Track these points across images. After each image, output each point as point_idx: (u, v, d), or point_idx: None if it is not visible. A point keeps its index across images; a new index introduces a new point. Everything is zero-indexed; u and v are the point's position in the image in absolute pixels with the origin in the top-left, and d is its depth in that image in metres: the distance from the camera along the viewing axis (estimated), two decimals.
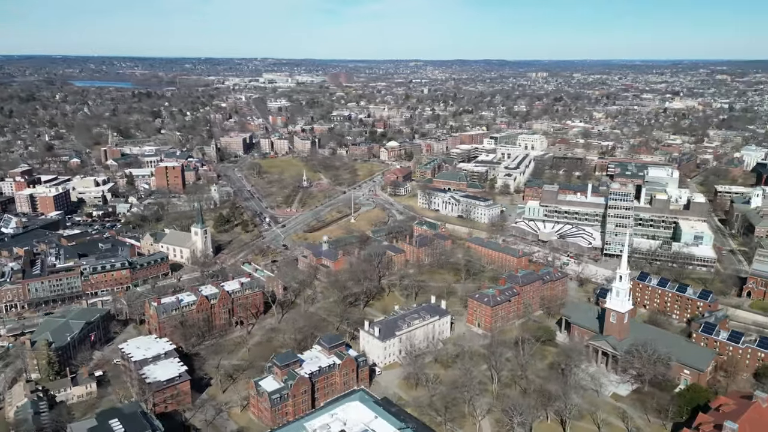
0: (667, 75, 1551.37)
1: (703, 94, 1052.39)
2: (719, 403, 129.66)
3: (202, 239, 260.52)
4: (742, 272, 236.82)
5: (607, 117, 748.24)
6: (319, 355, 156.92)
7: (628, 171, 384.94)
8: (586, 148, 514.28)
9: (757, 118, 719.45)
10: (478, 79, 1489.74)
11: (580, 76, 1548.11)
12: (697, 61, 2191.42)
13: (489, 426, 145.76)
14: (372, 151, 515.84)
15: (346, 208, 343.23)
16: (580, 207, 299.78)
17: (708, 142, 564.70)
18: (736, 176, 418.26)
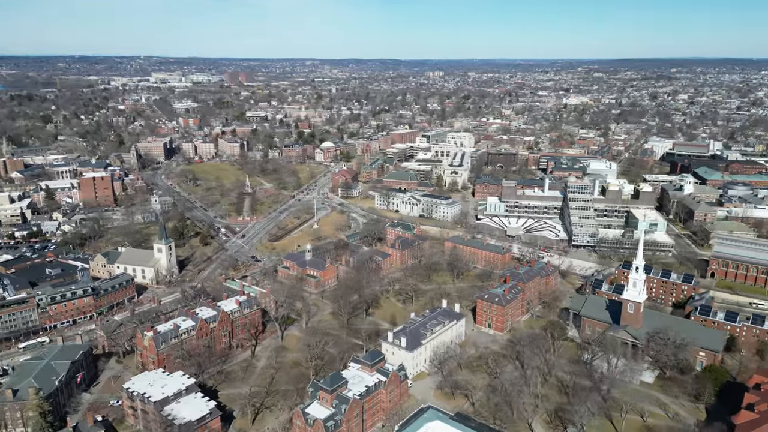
0: (551, 73, 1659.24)
1: (590, 91, 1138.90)
2: (756, 382, 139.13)
3: (167, 256, 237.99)
4: (699, 255, 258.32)
5: (518, 114, 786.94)
6: (360, 373, 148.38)
7: (564, 164, 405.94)
8: (511, 144, 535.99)
9: (645, 112, 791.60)
10: (380, 78, 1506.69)
11: (475, 75, 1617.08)
12: (571, 60, 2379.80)
13: (542, 428, 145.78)
14: (306, 153, 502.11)
15: (304, 213, 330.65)
16: (539, 201, 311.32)
17: (612, 135, 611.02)
18: (651, 165, 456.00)
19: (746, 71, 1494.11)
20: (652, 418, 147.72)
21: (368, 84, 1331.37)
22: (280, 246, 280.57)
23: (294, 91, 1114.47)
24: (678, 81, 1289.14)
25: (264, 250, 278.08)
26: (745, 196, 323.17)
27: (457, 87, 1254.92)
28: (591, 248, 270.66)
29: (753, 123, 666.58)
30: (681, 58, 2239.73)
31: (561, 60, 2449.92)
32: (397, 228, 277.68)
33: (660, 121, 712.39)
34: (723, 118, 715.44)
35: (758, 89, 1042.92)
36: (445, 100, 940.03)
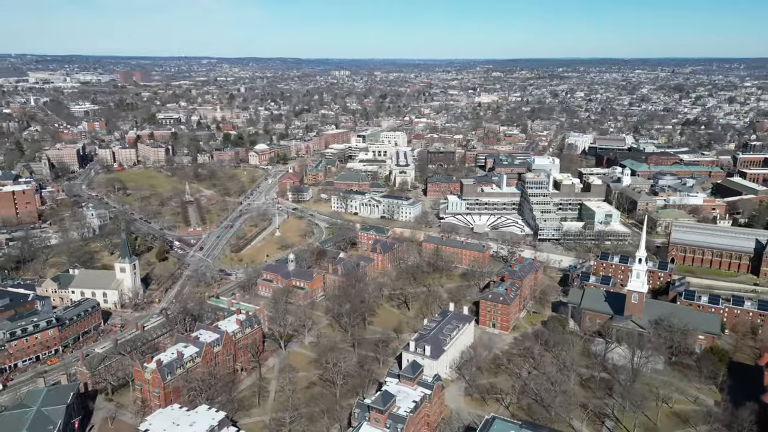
0: (452, 73, 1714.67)
1: (495, 90, 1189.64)
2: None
3: (131, 276, 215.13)
4: (656, 242, 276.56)
5: (437, 113, 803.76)
6: (402, 388, 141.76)
7: (505, 161, 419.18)
8: (444, 142, 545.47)
9: (552, 109, 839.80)
10: (286, 78, 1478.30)
11: (382, 74, 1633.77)
12: (468, 60, 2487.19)
13: (584, 426, 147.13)
14: (239, 156, 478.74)
15: (260, 221, 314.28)
16: (498, 198, 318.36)
17: (531, 131, 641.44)
18: (576, 159, 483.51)
19: (622, 70, 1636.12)
20: (676, 403, 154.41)
21: (276, 83, 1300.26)
22: (246, 257, 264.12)
23: (200, 92, 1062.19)
24: (569, 80, 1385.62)
25: (229, 262, 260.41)
26: (674, 185, 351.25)
27: (368, 86, 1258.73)
28: (556, 241, 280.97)
29: (649, 117, 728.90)
30: (565, 59, 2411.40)
31: (457, 60, 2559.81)
32: (369, 231, 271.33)
33: (567, 117, 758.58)
34: (621, 114, 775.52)
35: (640, 87, 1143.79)
36: (363, 100, 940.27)
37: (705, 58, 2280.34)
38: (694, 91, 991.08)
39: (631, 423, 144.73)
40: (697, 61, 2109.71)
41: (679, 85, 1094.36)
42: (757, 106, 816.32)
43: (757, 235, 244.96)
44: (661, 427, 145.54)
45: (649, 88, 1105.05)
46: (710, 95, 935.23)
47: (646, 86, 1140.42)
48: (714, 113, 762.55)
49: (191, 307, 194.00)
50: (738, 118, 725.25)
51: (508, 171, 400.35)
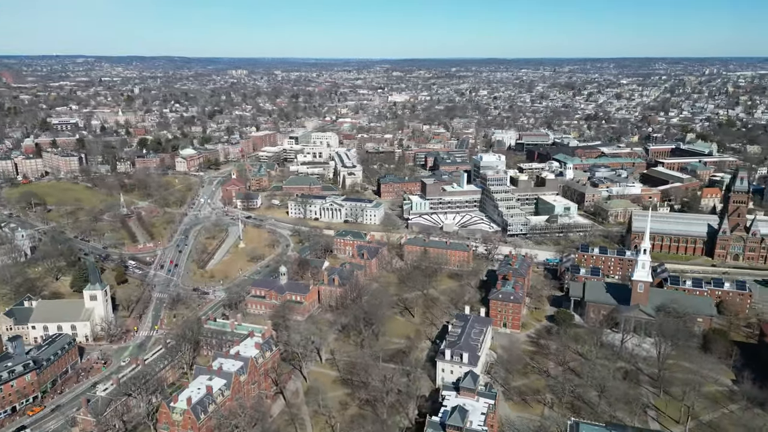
0: (353, 72, 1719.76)
1: (401, 89, 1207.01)
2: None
3: (104, 304, 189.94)
4: (608, 231, 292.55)
5: (356, 112, 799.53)
6: (465, 400, 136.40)
7: (448, 160, 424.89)
8: (377, 142, 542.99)
9: (464, 108, 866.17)
10: (181, 77, 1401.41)
11: (283, 74, 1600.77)
12: (364, 60, 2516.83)
13: (635, 419, 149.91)
14: (165, 163, 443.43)
15: (217, 232, 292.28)
16: (461, 196, 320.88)
17: (453, 129, 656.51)
18: (507, 155, 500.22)
19: (510, 69, 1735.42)
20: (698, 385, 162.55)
21: (171, 83, 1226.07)
22: (217, 272, 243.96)
23: (88, 93, 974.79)
24: (466, 78, 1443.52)
25: (200, 279, 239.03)
26: (609, 177, 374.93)
27: (272, 86, 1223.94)
28: (523, 236, 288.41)
29: (554, 114, 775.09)
30: (456, 59, 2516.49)
31: (354, 60, 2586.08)
32: (346, 237, 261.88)
33: (480, 115, 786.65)
34: (529, 111, 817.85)
35: (535, 85, 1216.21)
36: (276, 100, 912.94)
37: (579, 58, 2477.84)
38: (585, 88, 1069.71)
39: (670, 409, 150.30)
40: (572, 61, 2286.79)
41: (570, 83, 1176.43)
42: (642, 101, 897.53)
43: (708, 220, 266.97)
44: (696, 410, 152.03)
45: (543, 86, 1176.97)
46: (599, 92, 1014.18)
47: (539, 84, 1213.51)
48: (607, 108, 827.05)
49: (189, 334, 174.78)
50: (629, 113, 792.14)
51: (453, 169, 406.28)
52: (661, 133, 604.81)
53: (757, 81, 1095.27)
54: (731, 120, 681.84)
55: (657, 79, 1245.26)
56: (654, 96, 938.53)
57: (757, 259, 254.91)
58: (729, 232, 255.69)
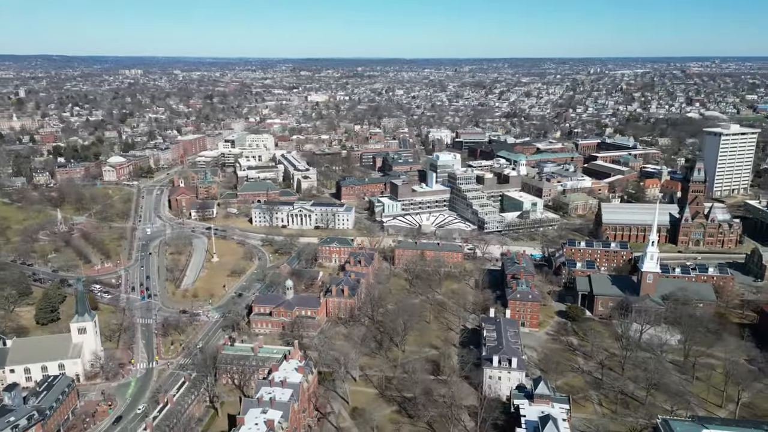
0: (258, 72, 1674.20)
1: (315, 89, 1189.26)
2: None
3: (94, 337, 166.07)
4: (578, 224, 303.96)
5: (279, 113, 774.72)
6: (542, 408, 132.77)
7: (400, 160, 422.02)
8: (315, 143, 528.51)
9: (390, 108, 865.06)
10: (69, 77, 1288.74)
11: (182, 73, 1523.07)
12: (267, 59, 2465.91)
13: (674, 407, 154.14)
14: (90, 172, 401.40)
15: (182, 246, 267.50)
16: (431, 196, 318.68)
17: (385, 129, 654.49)
18: (444, 151, 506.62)
19: (414, 69, 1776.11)
20: (718, 368, 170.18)
21: (59, 84, 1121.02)
22: (200, 291, 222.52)
23: None
24: (375, 78, 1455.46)
25: (181, 300, 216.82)
26: (558, 171, 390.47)
27: (176, 87, 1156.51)
28: (498, 233, 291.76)
29: (477, 112, 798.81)
30: (360, 58, 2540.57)
31: (255, 59, 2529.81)
32: (332, 244, 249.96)
33: (405, 114, 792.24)
34: (451, 110, 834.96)
35: (446, 83, 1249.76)
36: (189, 101, 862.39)
37: (476, 58, 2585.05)
38: (495, 87, 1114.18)
39: (709, 395, 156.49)
40: (469, 61, 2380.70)
41: (480, 82, 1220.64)
42: (550, 98, 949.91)
43: (669, 209, 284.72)
44: (725, 392, 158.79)
45: (453, 85, 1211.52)
46: (509, 91, 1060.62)
47: (449, 84, 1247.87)
48: (522, 107, 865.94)
49: (209, 362, 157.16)
50: (542, 110, 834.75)
51: (407, 169, 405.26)
52: (578, 128, 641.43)
53: (639, 79, 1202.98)
54: (634, 115, 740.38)
55: (553, 78, 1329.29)
56: (559, 94, 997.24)
57: (716, 244, 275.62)
58: (691, 219, 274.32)
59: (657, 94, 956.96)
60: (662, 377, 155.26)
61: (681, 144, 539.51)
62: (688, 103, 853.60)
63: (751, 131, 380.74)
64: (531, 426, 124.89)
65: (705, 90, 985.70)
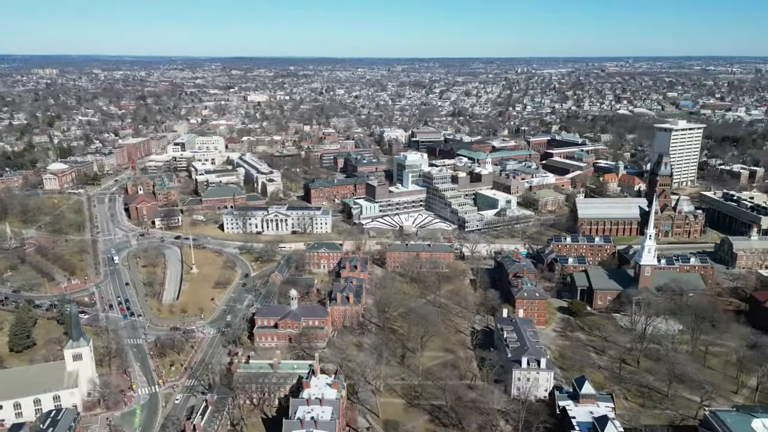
0: (187, 71, 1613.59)
1: (250, 88, 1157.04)
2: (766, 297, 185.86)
3: (90, 363, 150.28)
4: (551, 219, 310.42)
5: (222, 114, 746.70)
6: (589, 408, 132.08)
7: (364, 160, 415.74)
8: (268, 145, 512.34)
9: (334, 107, 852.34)
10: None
11: (103, 73, 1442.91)
12: (192, 58, 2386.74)
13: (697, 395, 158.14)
14: (29, 181, 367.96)
15: (152, 258, 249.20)
16: (407, 197, 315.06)
17: (336, 129, 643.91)
18: (401, 150, 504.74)
19: (347, 69, 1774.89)
20: (719, 355, 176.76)
21: None
22: (189, 306, 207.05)
23: None
24: (311, 77, 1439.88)
25: (170, 316, 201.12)
26: (521, 168, 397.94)
27: (101, 87, 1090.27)
28: (479, 231, 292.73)
29: (423, 112, 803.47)
30: (291, 57, 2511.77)
31: (178, 58, 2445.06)
32: (320, 250, 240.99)
33: (351, 114, 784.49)
34: (396, 109, 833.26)
35: (384, 82, 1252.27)
36: (120, 102, 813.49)
37: (408, 58, 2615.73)
38: (434, 86, 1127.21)
39: (724, 381, 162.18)
40: (401, 60, 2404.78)
41: (418, 81, 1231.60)
42: (489, 98, 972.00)
43: (638, 203, 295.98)
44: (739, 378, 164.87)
45: (392, 84, 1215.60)
46: (448, 90, 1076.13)
47: (388, 83, 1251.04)
48: (464, 105, 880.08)
49: (221, 382, 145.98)
50: (483, 109, 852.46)
51: (372, 169, 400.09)
52: (524, 126, 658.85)
53: (567, 78, 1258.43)
54: (571, 113, 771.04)
55: (486, 77, 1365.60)
56: (497, 93, 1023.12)
57: (683, 234, 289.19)
58: (660, 212, 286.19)
59: (587, 92, 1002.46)
60: (684, 368, 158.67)
61: (622, 139, 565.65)
62: (617, 101, 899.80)
63: (697, 126, 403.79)
64: (585, 427, 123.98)
65: (630, 88, 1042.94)
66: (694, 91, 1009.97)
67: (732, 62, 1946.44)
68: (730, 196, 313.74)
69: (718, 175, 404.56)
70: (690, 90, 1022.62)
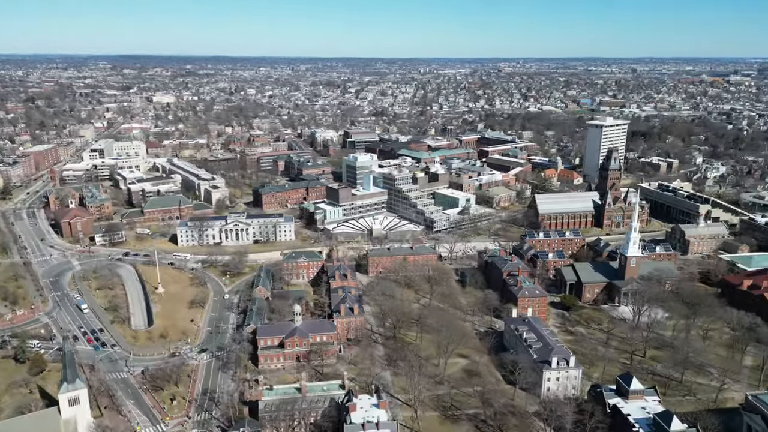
0: (72, 71, 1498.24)
1: (150, 89, 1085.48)
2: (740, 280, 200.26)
3: (87, 407, 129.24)
4: (508, 216, 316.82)
5: (132, 116, 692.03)
6: (638, 403, 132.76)
7: (309, 163, 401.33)
8: (194, 149, 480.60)
9: (251, 108, 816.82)
10: None
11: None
12: (72, 56, 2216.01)
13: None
14: None
15: (105, 280, 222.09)
16: (370, 199, 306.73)
17: (258, 128, 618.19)
18: (338, 152, 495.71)
19: (248, 68, 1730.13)
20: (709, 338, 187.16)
21: None
22: (169, 330, 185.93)
23: None
24: (213, 76, 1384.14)
25: (149, 344, 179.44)
26: (465, 167, 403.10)
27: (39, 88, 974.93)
28: (445, 231, 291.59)
29: (346, 112, 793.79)
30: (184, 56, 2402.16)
31: (56, 56, 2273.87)
32: (299, 259, 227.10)
33: (271, 114, 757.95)
34: (318, 110, 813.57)
35: (294, 82, 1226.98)
36: (6, 105, 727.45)
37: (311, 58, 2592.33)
38: (349, 86, 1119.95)
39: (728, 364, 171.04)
40: (305, 60, 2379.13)
41: (331, 81, 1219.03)
42: (405, 97, 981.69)
43: (591, 197, 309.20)
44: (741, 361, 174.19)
45: (305, 84, 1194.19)
46: (363, 90, 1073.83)
47: (297, 83, 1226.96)
48: (382, 105, 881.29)
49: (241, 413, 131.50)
50: (401, 108, 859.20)
51: (319, 172, 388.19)
52: (450, 125, 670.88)
53: (471, 78, 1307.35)
54: (487, 111, 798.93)
55: (393, 77, 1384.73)
56: (412, 92, 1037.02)
57: None
58: (613, 204, 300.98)
59: (495, 91, 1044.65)
60: (699, 355, 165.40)
61: (542, 136, 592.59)
62: (525, 99, 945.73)
63: (622, 123, 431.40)
64: (644, 424, 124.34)
65: (535, 87, 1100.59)
66: (589, 89, 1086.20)
67: (609, 63, 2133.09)
68: (665, 187, 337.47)
69: (640, 167, 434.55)
70: (585, 89, 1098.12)
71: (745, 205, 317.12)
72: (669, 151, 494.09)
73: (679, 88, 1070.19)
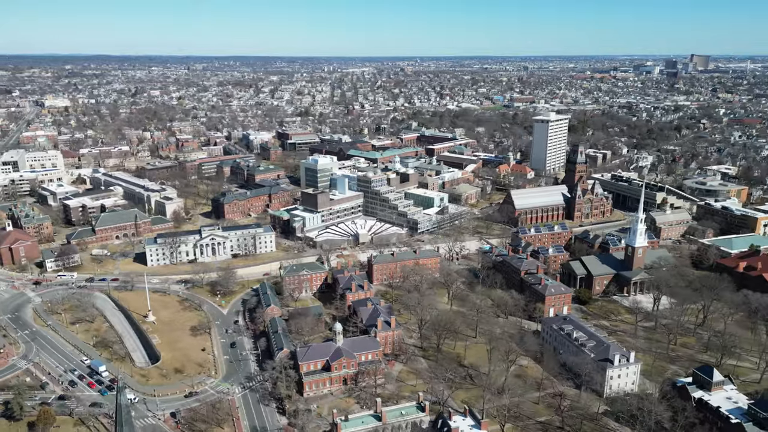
0: None
1: (41, 91, 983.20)
2: (742, 265, 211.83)
3: None
4: (481, 212, 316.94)
5: (30, 123, 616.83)
6: (721, 393, 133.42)
7: (260, 167, 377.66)
8: (119, 157, 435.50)
9: (166, 110, 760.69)
10: None
11: None
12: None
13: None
14: None
15: (80, 312, 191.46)
16: (347, 203, 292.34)
17: (181, 132, 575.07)
18: (279, 155, 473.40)
19: (140, 68, 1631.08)
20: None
21: None
22: (185, 365, 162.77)
23: None
24: (103, 77, 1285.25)
25: (165, 381, 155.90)
26: (421, 165, 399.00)
27: None
28: (428, 231, 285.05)
29: (268, 112, 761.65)
30: (62, 55, 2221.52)
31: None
32: (301, 272, 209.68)
33: (188, 117, 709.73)
34: (239, 111, 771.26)
35: (198, 83, 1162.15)
36: None
37: (205, 56, 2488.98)
38: (260, 86, 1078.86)
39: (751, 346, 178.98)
40: (198, 59, 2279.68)
41: (242, 81, 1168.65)
42: (324, 96, 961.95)
43: (560, 190, 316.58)
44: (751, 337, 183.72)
45: (210, 84, 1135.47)
46: (277, 89, 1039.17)
47: (205, 82, 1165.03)
48: (304, 105, 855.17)
49: None
50: (324, 108, 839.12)
51: (272, 176, 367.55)
52: (382, 124, 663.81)
53: (376, 77, 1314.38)
54: (413, 108, 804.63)
55: (300, 75, 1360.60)
56: (329, 92, 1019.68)
57: (599, 215, 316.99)
58: (582, 196, 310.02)
59: (411, 90, 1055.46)
60: (730, 338, 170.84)
61: (475, 132, 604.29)
62: (441, 97, 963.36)
63: (564, 117, 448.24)
64: (738, 414, 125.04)
65: (447, 86, 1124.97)
66: (497, 87, 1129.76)
67: (500, 61, 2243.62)
68: (619, 177, 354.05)
69: None
70: (492, 86, 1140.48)
71: (691, 191, 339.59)
72: (595, 144, 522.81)
73: (576, 84, 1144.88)
